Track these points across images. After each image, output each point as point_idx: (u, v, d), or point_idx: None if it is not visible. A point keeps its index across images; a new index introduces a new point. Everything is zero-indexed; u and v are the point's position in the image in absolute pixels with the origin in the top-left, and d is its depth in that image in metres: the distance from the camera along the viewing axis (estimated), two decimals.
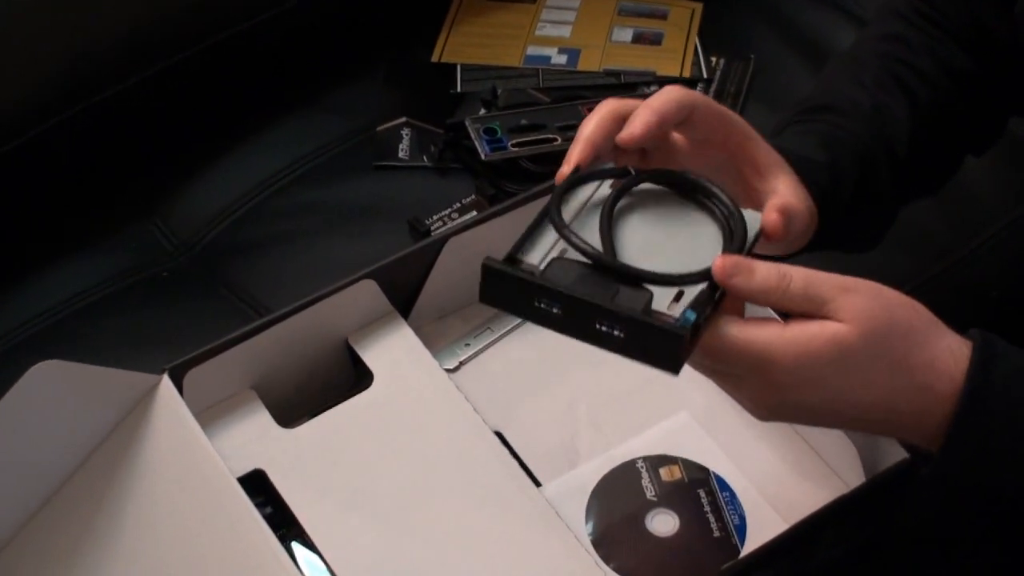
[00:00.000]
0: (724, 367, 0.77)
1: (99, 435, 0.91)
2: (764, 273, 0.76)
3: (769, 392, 0.77)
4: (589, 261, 0.77)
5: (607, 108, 0.83)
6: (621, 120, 0.82)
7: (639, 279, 0.76)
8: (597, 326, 0.74)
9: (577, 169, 0.81)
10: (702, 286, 0.76)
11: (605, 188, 0.82)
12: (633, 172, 0.83)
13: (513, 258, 0.77)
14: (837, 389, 0.76)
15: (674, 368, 0.74)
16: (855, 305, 0.76)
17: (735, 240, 0.79)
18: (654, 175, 0.83)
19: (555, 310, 0.75)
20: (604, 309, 0.74)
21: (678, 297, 0.76)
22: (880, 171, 0.96)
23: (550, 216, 0.78)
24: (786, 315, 0.77)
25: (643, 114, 0.82)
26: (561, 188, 0.80)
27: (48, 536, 0.91)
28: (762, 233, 0.81)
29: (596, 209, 0.80)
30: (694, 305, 0.75)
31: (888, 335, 0.76)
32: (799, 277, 0.76)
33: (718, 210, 0.81)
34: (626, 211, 0.81)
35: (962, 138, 1.04)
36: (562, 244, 0.78)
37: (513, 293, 0.76)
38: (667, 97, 0.83)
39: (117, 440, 0.91)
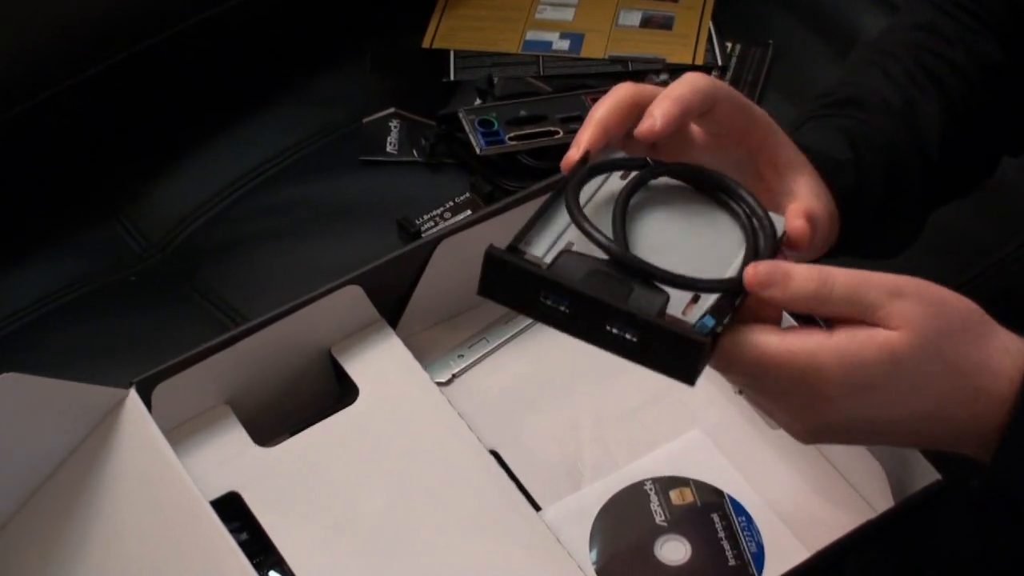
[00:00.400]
0: (765, 382, 0.77)
1: (60, 454, 0.91)
2: (803, 279, 0.75)
3: (816, 405, 0.76)
4: (602, 256, 0.76)
5: (622, 92, 0.82)
6: (637, 107, 0.82)
7: (655, 279, 0.76)
8: (608, 328, 0.74)
9: (587, 155, 0.81)
10: (721, 292, 0.76)
11: (614, 179, 0.82)
12: (651, 164, 0.82)
13: (515, 249, 0.76)
14: (890, 400, 0.76)
15: (690, 378, 0.74)
16: (907, 311, 0.75)
17: (765, 243, 0.79)
18: (674, 169, 0.82)
19: (562, 308, 0.74)
20: (617, 310, 0.73)
21: (694, 300, 0.75)
22: (912, 175, 0.96)
23: (567, 204, 0.78)
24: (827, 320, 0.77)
25: (664, 105, 0.81)
26: (579, 177, 0.79)
27: (2, 566, 0.90)
28: (785, 240, 0.81)
29: (606, 202, 0.80)
30: (713, 311, 0.75)
31: (941, 338, 0.76)
32: (842, 281, 0.75)
33: (741, 211, 0.81)
34: (640, 207, 0.81)
35: (998, 136, 1.04)
36: (568, 238, 0.77)
37: (517, 286, 0.75)
38: (691, 87, 0.82)
39: (80, 460, 0.91)
